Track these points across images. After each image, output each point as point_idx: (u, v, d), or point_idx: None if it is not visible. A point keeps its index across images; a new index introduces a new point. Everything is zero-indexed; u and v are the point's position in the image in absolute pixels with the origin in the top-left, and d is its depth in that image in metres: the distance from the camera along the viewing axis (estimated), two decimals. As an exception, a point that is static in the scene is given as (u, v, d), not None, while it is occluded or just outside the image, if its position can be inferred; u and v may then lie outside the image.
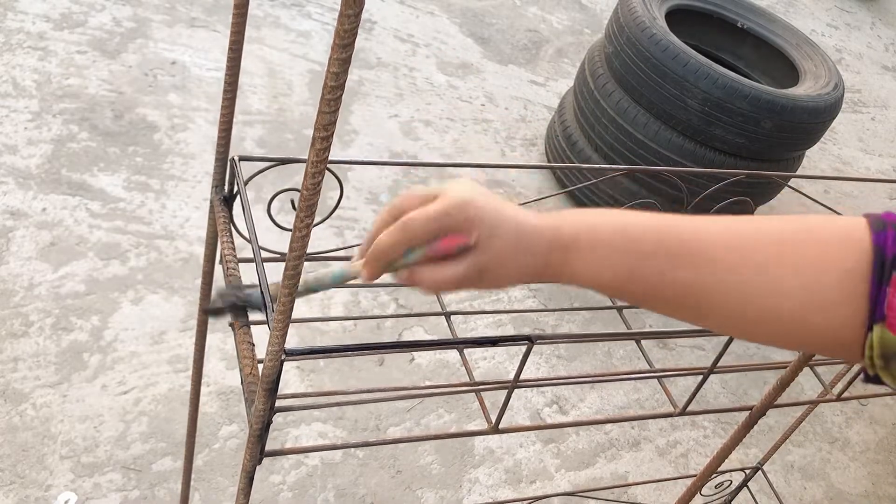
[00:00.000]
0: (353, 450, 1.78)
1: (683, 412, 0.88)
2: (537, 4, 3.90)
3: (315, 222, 0.52)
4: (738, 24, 2.74)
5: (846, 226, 0.52)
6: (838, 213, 1.20)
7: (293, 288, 0.53)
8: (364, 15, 3.15)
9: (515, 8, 3.81)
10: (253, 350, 0.65)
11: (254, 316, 0.66)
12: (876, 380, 0.52)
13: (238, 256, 0.73)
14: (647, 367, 0.90)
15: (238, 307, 0.66)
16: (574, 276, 0.60)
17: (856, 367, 1.07)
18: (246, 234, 0.73)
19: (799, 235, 0.54)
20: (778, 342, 0.56)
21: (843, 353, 0.53)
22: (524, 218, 0.60)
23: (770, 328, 0.55)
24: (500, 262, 0.60)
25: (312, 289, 0.64)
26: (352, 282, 0.65)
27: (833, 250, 0.52)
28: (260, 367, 0.60)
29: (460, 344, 0.72)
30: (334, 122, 0.44)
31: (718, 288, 0.55)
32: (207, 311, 0.67)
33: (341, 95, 0.43)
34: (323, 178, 0.47)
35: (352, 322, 2.04)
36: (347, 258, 1.07)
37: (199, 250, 2.03)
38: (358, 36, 0.41)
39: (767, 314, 0.54)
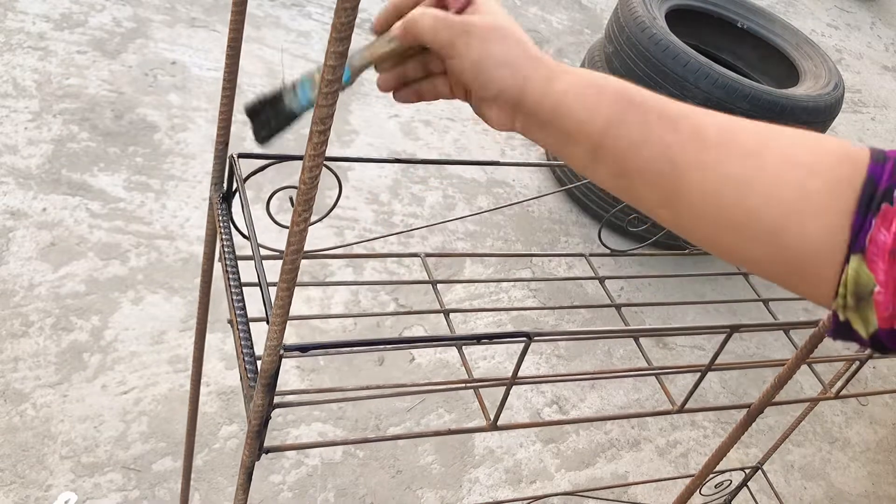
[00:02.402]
0: (353, 450, 1.78)
1: (682, 409, 0.88)
2: (537, 4, 3.91)
3: (314, 220, 0.52)
4: (738, 24, 2.74)
5: (848, 144, 0.49)
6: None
7: (292, 283, 0.53)
8: (363, 15, 3.14)
9: (515, 8, 3.81)
10: (252, 346, 0.65)
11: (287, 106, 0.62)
12: (844, 331, 0.47)
13: (237, 254, 0.74)
14: (647, 366, 0.90)
15: (272, 99, 0.62)
16: (555, 103, 0.55)
17: (855, 366, 1.07)
18: (245, 231, 0.73)
19: (796, 135, 0.50)
20: (745, 249, 0.50)
21: (813, 282, 0.47)
22: (524, 39, 0.59)
23: (742, 226, 0.49)
24: (487, 34, 0.57)
25: (361, 65, 0.62)
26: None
27: (829, 158, 0.48)
28: (259, 363, 0.60)
29: (459, 341, 0.73)
30: (331, 116, 0.44)
31: (699, 162, 0.50)
32: (247, 110, 0.63)
33: (339, 89, 0.43)
34: (320, 172, 0.47)
35: (351, 321, 2.04)
36: (348, 257, 1.07)
37: (200, 250, 2.03)
38: (357, 35, 0.41)
39: (744, 205, 0.48)
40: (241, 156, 0.76)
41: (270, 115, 0.62)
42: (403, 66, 0.64)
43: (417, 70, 0.64)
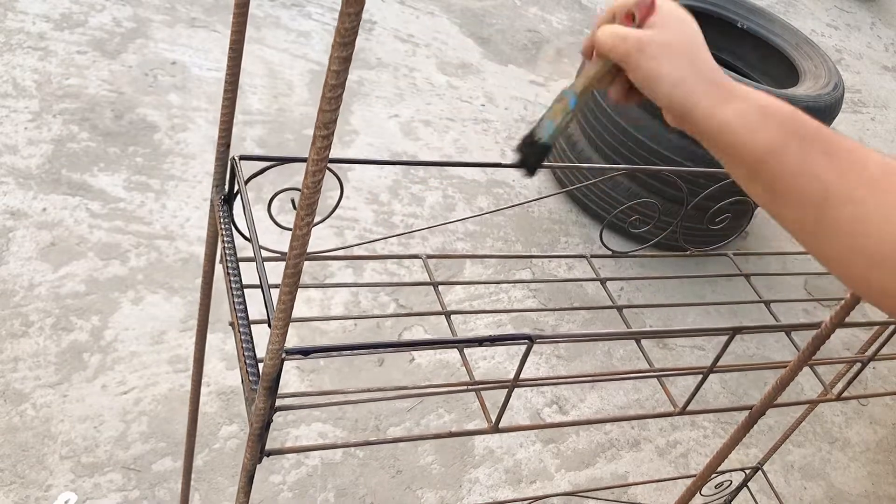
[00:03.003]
0: (353, 450, 1.78)
1: (683, 411, 0.88)
2: (537, 4, 3.90)
3: (315, 221, 0.52)
4: (738, 24, 2.74)
5: None
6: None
7: (294, 286, 0.53)
8: (364, 15, 3.15)
9: (515, 8, 3.81)
10: (253, 349, 0.65)
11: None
12: None
13: (238, 256, 0.74)
14: (647, 367, 0.90)
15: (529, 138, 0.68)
16: (720, 125, 0.58)
17: (856, 367, 1.07)
18: (246, 233, 0.73)
19: None
20: (881, 289, 0.51)
21: None
22: (696, 55, 0.62)
23: (876, 265, 0.50)
24: (659, 52, 0.61)
25: (559, 128, 0.68)
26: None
27: None
28: (260, 366, 0.60)
29: (460, 343, 0.73)
30: (335, 121, 0.44)
31: (850, 197, 0.52)
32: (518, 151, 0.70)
33: (342, 94, 0.43)
34: (323, 176, 0.47)
35: (352, 322, 2.04)
36: (348, 258, 1.07)
37: (200, 250, 2.03)
38: (358, 36, 0.41)
39: (884, 245, 0.50)
40: (242, 157, 0.75)
41: (531, 154, 0.70)
42: (620, 78, 0.68)
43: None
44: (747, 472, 1.64)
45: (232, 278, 0.70)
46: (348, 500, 1.69)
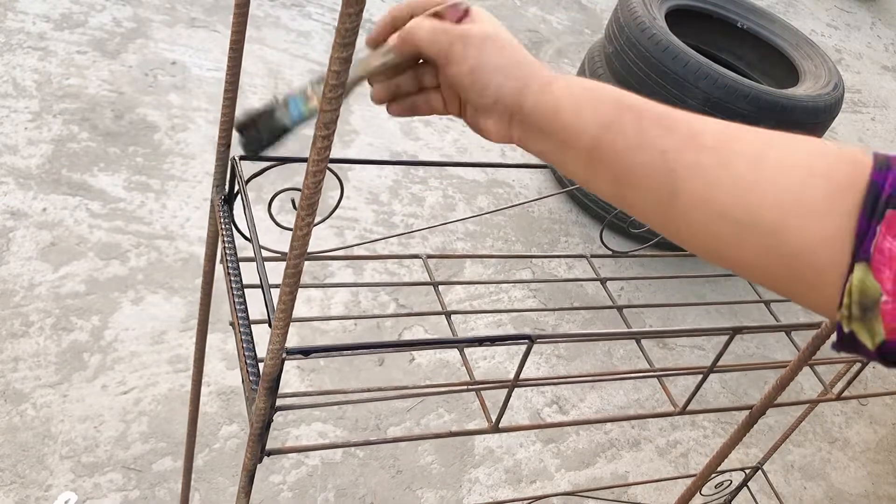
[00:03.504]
0: (353, 450, 1.78)
1: (683, 411, 0.88)
2: (537, 4, 3.90)
3: (316, 222, 0.52)
4: (738, 24, 2.74)
5: (849, 149, 0.47)
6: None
7: (295, 286, 0.53)
8: (365, 15, 3.15)
9: (515, 8, 3.81)
10: (254, 349, 0.65)
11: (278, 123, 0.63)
12: (849, 342, 0.45)
13: (239, 256, 0.74)
14: (647, 367, 0.90)
15: (263, 114, 0.62)
16: (552, 107, 0.55)
17: (856, 367, 1.07)
18: (247, 233, 0.73)
19: (796, 140, 0.49)
20: (744, 253, 0.49)
21: (816, 288, 0.46)
22: (520, 47, 0.60)
23: (740, 227, 0.48)
24: (484, 41, 0.58)
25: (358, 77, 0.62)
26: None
27: (828, 160, 0.46)
28: (261, 365, 0.60)
29: (460, 343, 0.73)
30: (335, 121, 0.44)
31: (696, 165, 0.49)
32: (236, 125, 0.63)
33: (342, 94, 0.43)
34: (324, 176, 0.47)
35: (352, 322, 2.04)
36: (349, 258, 1.07)
37: (200, 250, 2.03)
38: (359, 36, 0.41)
39: (742, 205, 0.47)
40: (242, 157, 0.75)
41: (262, 129, 0.63)
42: (397, 79, 0.64)
43: (411, 84, 0.65)
44: (747, 471, 1.64)
45: (232, 278, 0.71)
46: (348, 500, 1.69)
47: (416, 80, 0.64)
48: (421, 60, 0.63)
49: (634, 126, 0.52)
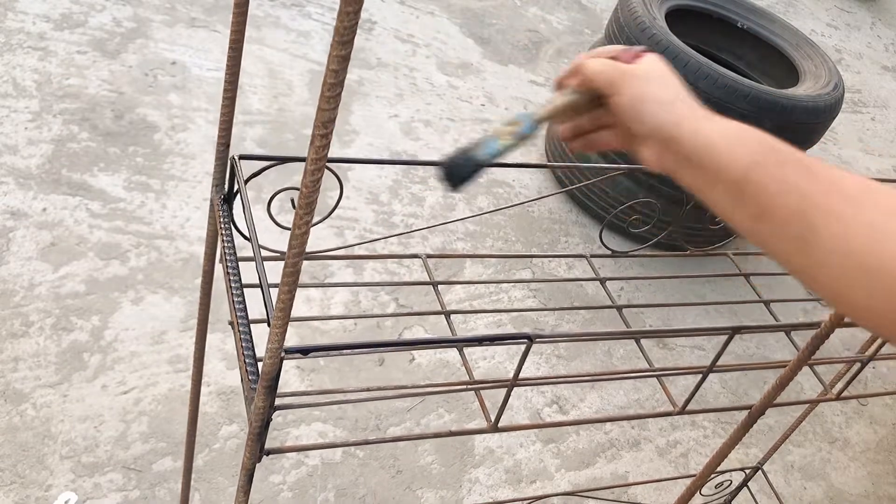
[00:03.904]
0: (353, 450, 1.78)
1: (683, 411, 0.88)
2: (537, 4, 3.91)
3: (315, 221, 0.52)
4: (738, 24, 2.74)
5: None
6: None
7: (293, 285, 0.53)
8: (364, 15, 3.14)
9: (515, 8, 3.81)
10: (253, 348, 0.65)
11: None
12: None
13: (238, 255, 0.74)
14: (647, 367, 0.90)
15: (465, 150, 0.67)
16: (705, 140, 0.60)
17: (856, 367, 1.07)
18: (246, 233, 0.73)
19: None
20: (875, 303, 0.50)
21: None
22: (683, 88, 0.66)
23: (873, 275, 0.49)
24: (646, 76, 0.65)
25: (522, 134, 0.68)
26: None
27: None
28: (260, 365, 0.60)
29: (460, 343, 0.73)
30: (334, 120, 0.44)
31: (838, 212, 0.51)
32: (443, 167, 0.67)
33: (341, 92, 0.43)
34: (322, 175, 0.47)
35: (352, 321, 2.04)
36: (348, 258, 1.07)
37: (200, 250, 2.03)
38: (358, 36, 0.41)
39: (876, 256, 0.49)
40: (242, 157, 0.76)
41: (460, 167, 0.67)
42: (580, 118, 0.72)
43: (590, 123, 0.72)
44: (747, 471, 1.64)
45: (232, 278, 0.71)
46: (348, 500, 1.69)
47: (595, 120, 0.71)
48: (600, 102, 0.70)
49: (780, 167, 0.55)
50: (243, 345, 0.64)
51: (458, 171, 0.66)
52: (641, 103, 0.64)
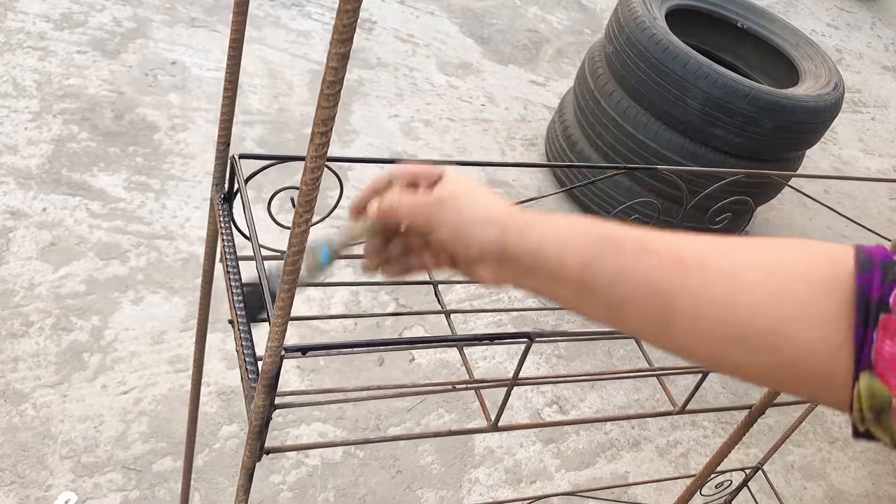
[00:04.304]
0: (353, 450, 1.78)
1: (683, 411, 0.88)
2: (537, 4, 3.91)
3: (315, 221, 0.52)
4: (738, 24, 2.74)
5: (828, 247, 0.48)
6: (838, 213, 1.20)
7: (293, 284, 0.53)
8: (364, 15, 3.14)
9: (515, 8, 3.81)
10: (253, 347, 0.65)
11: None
12: (867, 435, 0.46)
13: (238, 255, 0.74)
14: (647, 367, 0.90)
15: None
16: (534, 249, 0.58)
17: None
18: (246, 232, 0.73)
19: (777, 246, 0.50)
20: (747, 364, 0.49)
21: (824, 389, 0.47)
22: (494, 196, 0.63)
23: (737, 341, 0.48)
24: (457, 201, 0.62)
25: (319, 267, 0.66)
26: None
27: (809, 263, 0.47)
28: (260, 364, 0.60)
29: (460, 342, 0.73)
30: (333, 118, 0.44)
31: (683, 286, 0.50)
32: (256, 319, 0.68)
33: (340, 90, 0.43)
34: (322, 173, 0.47)
35: (352, 321, 2.04)
36: (348, 257, 1.07)
37: (200, 250, 2.03)
38: (358, 36, 0.41)
39: (734, 321, 0.48)
40: (242, 156, 0.75)
41: (252, 297, 0.66)
42: (385, 246, 0.69)
43: (398, 247, 0.69)
44: (747, 471, 1.64)
45: (232, 276, 0.71)
46: (348, 500, 1.69)
47: (403, 244, 0.69)
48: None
49: (618, 256, 0.54)
50: (243, 344, 0.64)
51: (252, 304, 0.66)
52: (462, 230, 0.61)
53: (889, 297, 0.44)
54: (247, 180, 0.75)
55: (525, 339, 0.69)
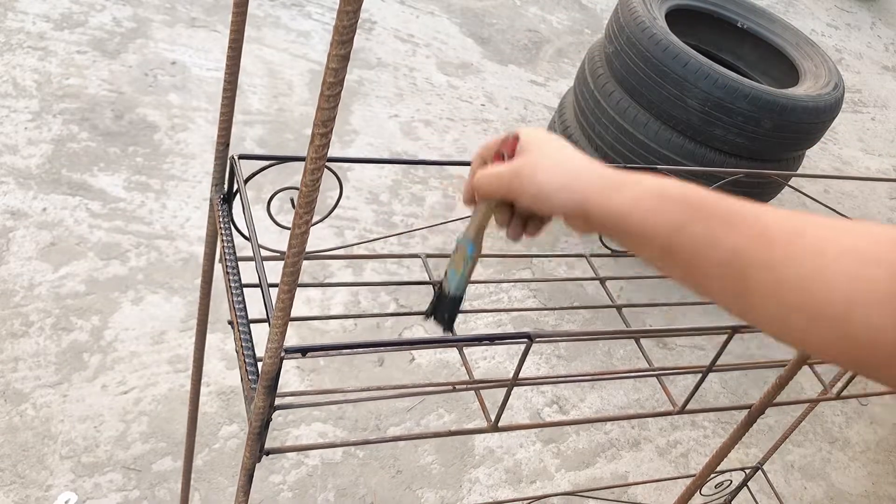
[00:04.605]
0: (353, 450, 1.78)
1: (683, 411, 0.88)
2: (537, 4, 3.90)
3: (315, 221, 0.52)
4: (738, 24, 2.74)
5: None
6: (839, 213, 1.20)
7: (293, 285, 0.53)
8: (364, 15, 3.14)
9: (515, 8, 3.81)
10: (253, 348, 0.65)
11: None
12: None
13: (238, 255, 0.74)
14: (647, 367, 0.90)
15: (438, 297, 0.72)
16: (619, 216, 0.59)
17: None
18: (246, 232, 0.73)
19: (859, 228, 0.51)
20: (819, 340, 0.51)
21: (893, 372, 0.48)
22: (572, 158, 0.64)
23: (812, 319, 0.50)
24: (534, 169, 0.63)
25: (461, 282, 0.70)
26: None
27: (888, 247, 0.48)
28: (260, 365, 0.60)
29: (460, 342, 0.73)
30: (333, 119, 0.44)
31: (766, 261, 0.52)
32: (427, 315, 0.73)
33: (340, 92, 0.43)
34: (322, 174, 0.47)
35: (352, 321, 2.04)
36: (348, 258, 1.07)
37: (200, 250, 2.03)
38: (358, 36, 0.41)
39: (811, 299, 0.49)
40: (241, 157, 0.75)
41: (442, 309, 0.71)
42: (513, 213, 0.70)
43: (526, 211, 0.70)
44: (747, 471, 1.64)
45: (231, 277, 0.71)
46: (348, 500, 1.69)
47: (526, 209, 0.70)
48: None
49: (703, 225, 0.55)
50: (243, 345, 0.64)
51: (446, 312, 0.69)
52: (543, 198, 0.63)
53: None
54: (246, 181, 0.75)
55: (525, 339, 0.69)
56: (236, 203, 0.78)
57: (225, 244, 0.74)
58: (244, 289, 0.70)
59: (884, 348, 0.47)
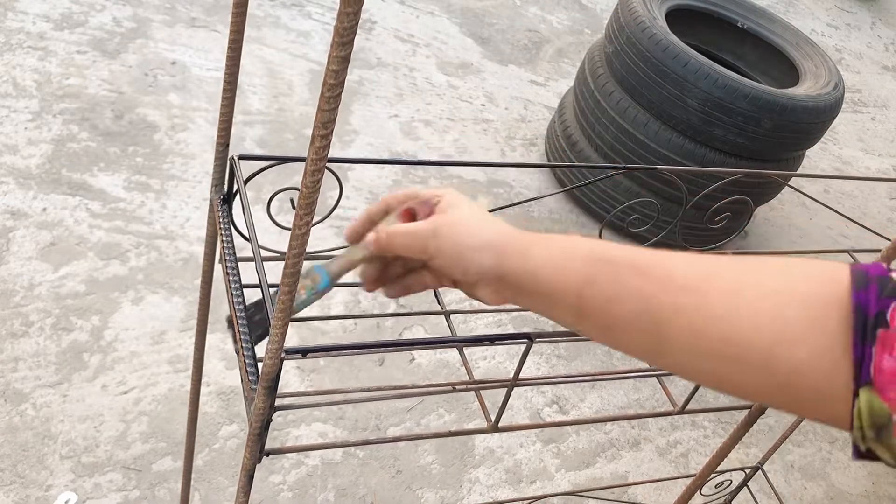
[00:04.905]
0: (353, 450, 1.78)
1: (683, 411, 0.88)
2: (537, 4, 3.90)
3: (315, 221, 0.52)
4: (738, 24, 2.74)
5: (825, 266, 0.48)
6: (838, 213, 1.20)
7: (293, 286, 0.53)
8: (364, 15, 3.14)
9: (515, 8, 3.81)
10: (253, 349, 0.65)
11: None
12: (869, 455, 0.46)
13: (238, 256, 0.74)
14: (647, 367, 0.90)
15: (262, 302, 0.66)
16: (532, 274, 0.58)
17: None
18: (245, 233, 0.73)
19: (775, 265, 0.50)
20: (745, 384, 0.50)
21: (822, 408, 0.47)
22: (491, 221, 0.63)
23: (734, 361, 0.49)
24: (455, 228, 0.62)
25: (307, 300, 0.65)
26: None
27: (805, 285, 0.47)
28: (260, 365, 0.60)
29: (460, 342, 0.73)
30: (334, 120, 0.44)
31: (677, 307, 0.50)
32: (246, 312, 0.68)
33: (341, 93, 0.43)
34: (322, 175, 0.47)
35: (352, 322, 2.04)
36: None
37: (200, 250, 2.03)
38: (358, 36, 0.41)
39: (730, 342, 0.48)
40: (241, 157, 0.75)
41: (257, 322, 0.66)
42: (384, 269, 0.69)
43: (399, 268, 0.69)
44: (747, 471, 1.64)
45: (231, 278, 0.70)
46: (348, 500, 1.69)
47: (403, 265, 0.69)
48: None
49: (612, 278, 0.54)
50: (243, 345, 0.64)
51: (261, 328, 0.65)
52: (459, 258, 0.62)
53: (886, 312, 0.44)
54: (246, 181, 0.75)
55: (525, 340, 0.69)
56: (236, 203, 0.78)
57: (225, 244, 0.74)
58: (244, 289, 0.70)
59: (811, 387, 0.46)
